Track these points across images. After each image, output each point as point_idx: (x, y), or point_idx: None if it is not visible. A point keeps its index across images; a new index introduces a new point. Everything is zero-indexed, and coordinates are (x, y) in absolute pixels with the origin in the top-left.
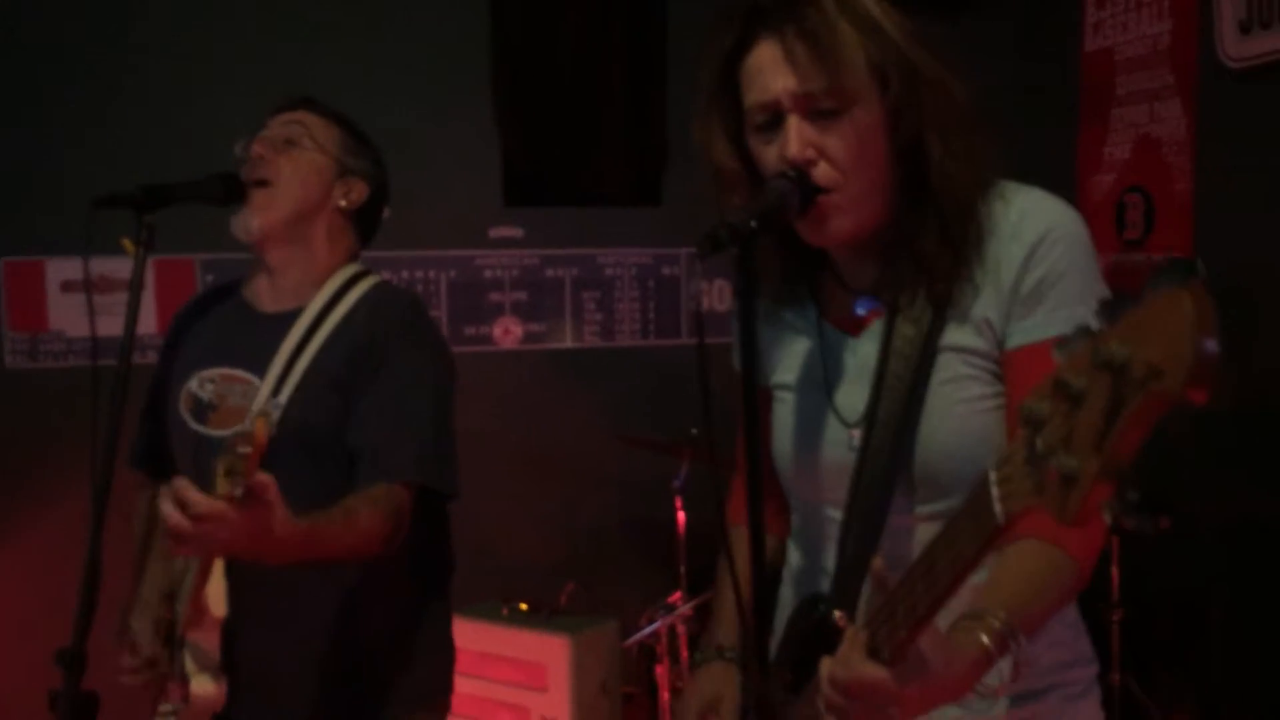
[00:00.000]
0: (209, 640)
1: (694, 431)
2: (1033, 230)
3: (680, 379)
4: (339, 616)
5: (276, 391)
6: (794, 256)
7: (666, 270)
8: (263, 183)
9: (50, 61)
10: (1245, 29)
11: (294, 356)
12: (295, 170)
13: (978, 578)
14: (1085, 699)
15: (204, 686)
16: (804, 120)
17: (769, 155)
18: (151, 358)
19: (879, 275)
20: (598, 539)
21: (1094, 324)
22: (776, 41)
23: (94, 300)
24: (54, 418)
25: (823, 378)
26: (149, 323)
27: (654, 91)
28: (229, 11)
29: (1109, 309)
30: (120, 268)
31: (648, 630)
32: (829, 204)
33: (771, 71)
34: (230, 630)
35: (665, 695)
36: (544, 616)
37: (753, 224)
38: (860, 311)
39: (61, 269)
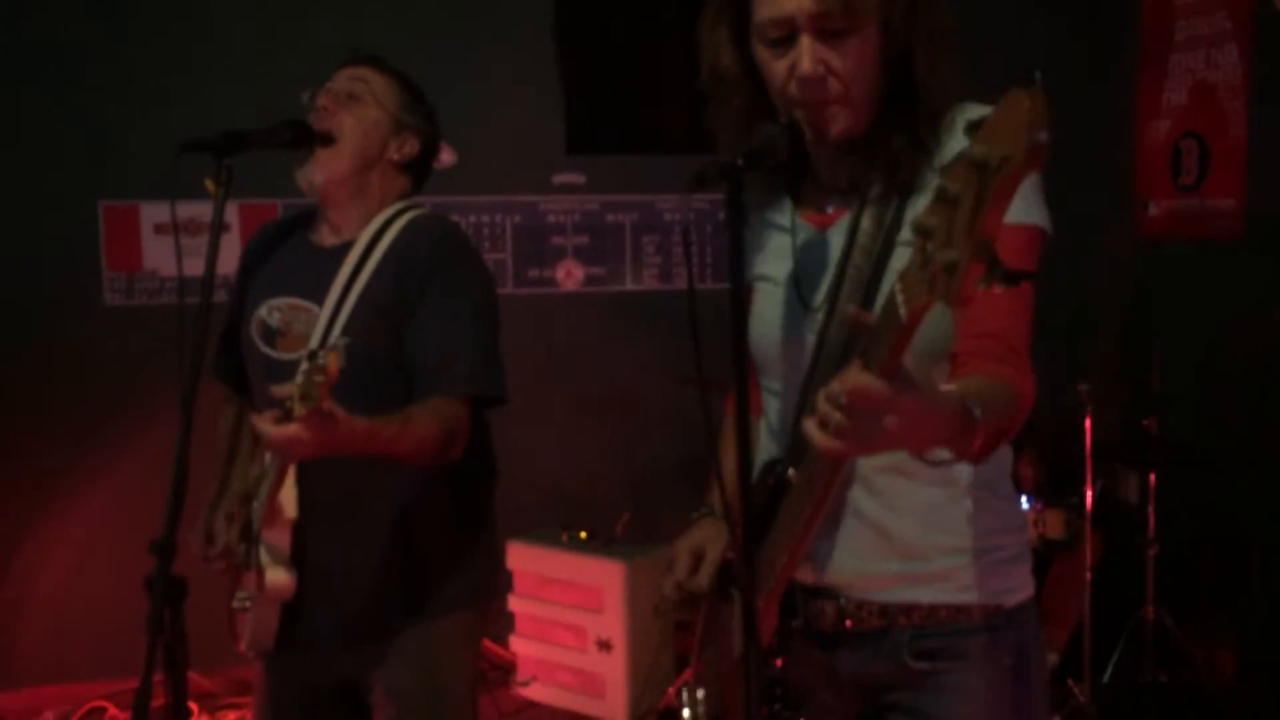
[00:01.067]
0: (281, 538)
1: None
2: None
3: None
4: (395, 520)
5: (332, 318)
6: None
7: (724, 216)
8: (327, 135)
9: (144, 20)
10: None
11: (347, 286)
12: (357, 124)
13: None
14: (1017, 564)
15: (277, 577)
16: (815, 39)
17: (779, 68)
18: (223, 298)
19: (852, 173)
20: (653, 472)
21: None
22: None
23: (183, 241)
24: (149, 349)
25: (793, 268)
26: (232, 263)
27: None
28: None
29: (970, 127)
30: (208, 211)
31: None
32: (831, 113)
33: None
34: (299, 530)
35: None
36: (601, 544)
37: (739, 163)
38: (829, 209)
39: (155, 212)
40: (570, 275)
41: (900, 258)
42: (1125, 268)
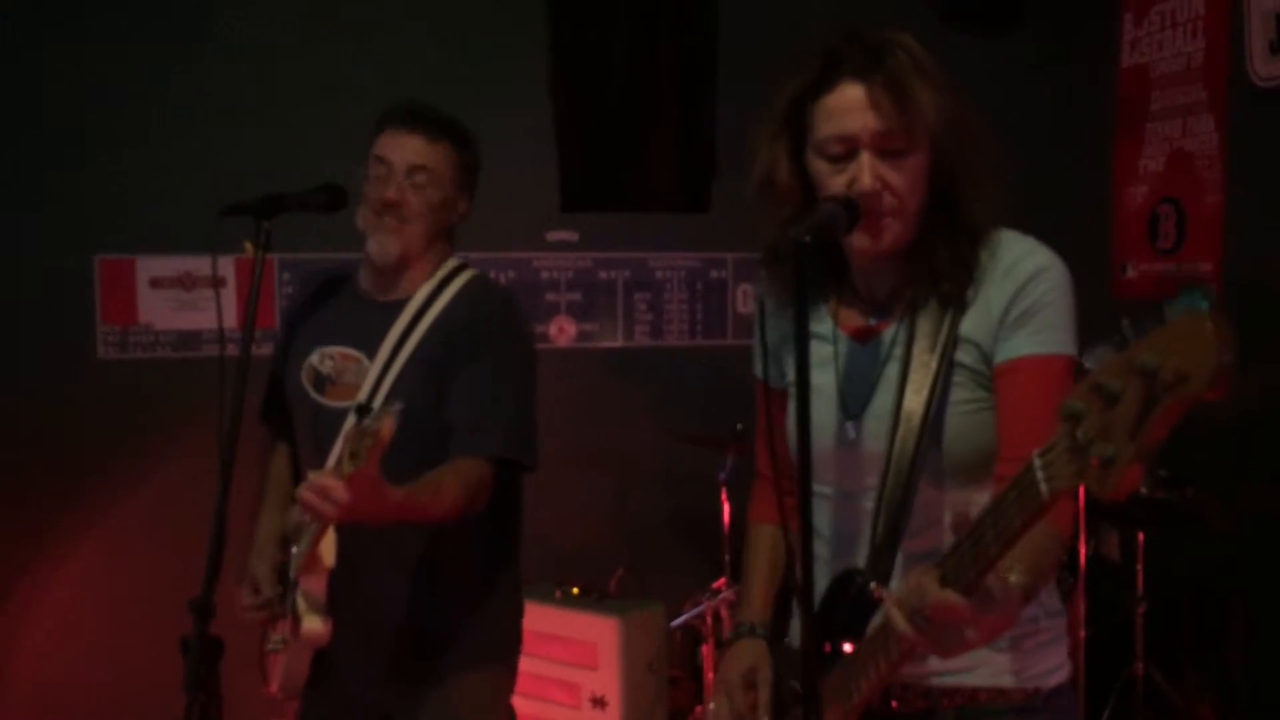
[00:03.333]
0: (318, 585)
1: (739, 427)
2: (1024, 271)
3: (726, 377)
4: (427, 573)
5: (384, 372)
6: (818, 273)
7: (714, 274)
8: (401, 218)
9: (139, 75)
10: (1274, 49)
11: (400, 342)
12: (427, 208)
13: None
14: (1055, 646)
15: (314, 625)
16: (874, 156)
17: (837, 182)
18: (235, 351)
19: (894, 287)
20: (646, 528)
21: (1093, 355)
22: (862, 86)
23: (180, 296)
24: (142, 404)
25: (834, 377)
26: (230, 316)
27: (704, 104)
28: (302, 23)
29: (1137, 328)
30: (204, 265)
31: (693, 613)
32: (885, 224)
33: (855, 111)
34: (335, 579)
35: (709, 675)
36: (595, 599)
37: (807, 239)
38: (872, 322)
39: (150, 266)
40: (563, 331)
41: (956, 376)
42: (1105, 328)
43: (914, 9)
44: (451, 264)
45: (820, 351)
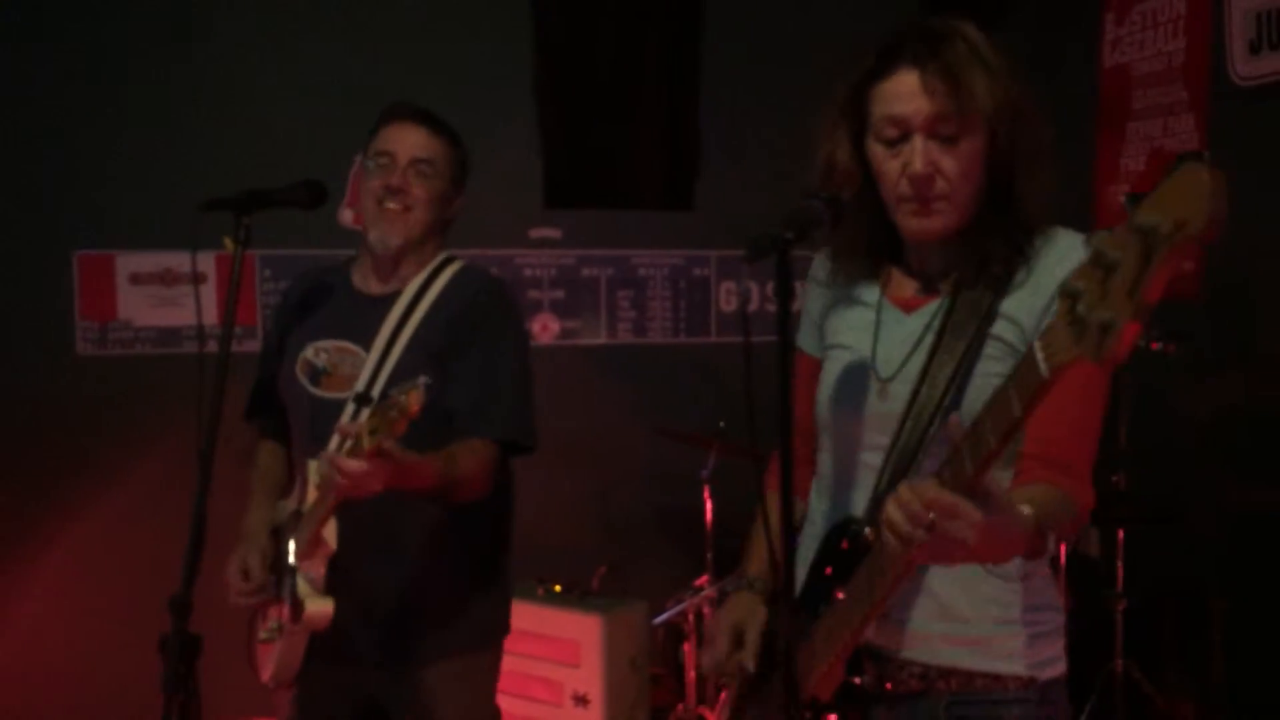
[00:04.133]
0: (318, 569)
1: (721, 425)
2: (1076, 261)
3: (709, 375)
4: (422, 557)
5: (381, 361)
6: (876, 245)
7: (697, 271)
8: (404, 207)
9: (119, 71)
10: (1255, 49)
11: (396, 332)
12: (430, 199)
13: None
14: (1052, 639)
15: (322, 607)
16: (927, 140)
17: (892, 166)
18: (215, 347)
19: (945, 264)
20: (629, 525)
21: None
22: (917, 72)
23: (159, 292)
24: (121, 401)
25: (872, 341)
26: (210, 312)
27: (688, 102)
28: (284, 19)
29: (1132, 199)
30: (185, 262)
31: (675, 610)
32: (936, 208)
33: (909, 95)
34: (336, 562)
35: (691, 674)
36: (577, 597)
37: (789, 236)
38: (917, 294)
39: (130, 262)
40: (546, 329)
41: (993, 349)
42: None
43: (897, 7)
44: (442, 256)
45: (862, 317)
